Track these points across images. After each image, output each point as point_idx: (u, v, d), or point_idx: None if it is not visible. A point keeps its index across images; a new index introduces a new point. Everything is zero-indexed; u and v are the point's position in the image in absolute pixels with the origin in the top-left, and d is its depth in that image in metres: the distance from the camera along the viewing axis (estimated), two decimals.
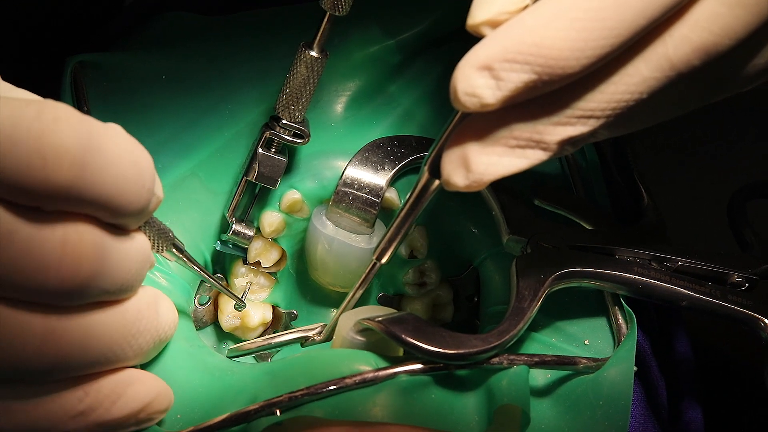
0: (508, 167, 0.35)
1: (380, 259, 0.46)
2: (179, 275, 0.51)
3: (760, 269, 0.49)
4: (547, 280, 0.45)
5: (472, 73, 0.33)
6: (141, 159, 0.35)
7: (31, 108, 0.31)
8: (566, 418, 0.44)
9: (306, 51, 0.48)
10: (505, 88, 0.33)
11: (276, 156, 0.51)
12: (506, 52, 0.32)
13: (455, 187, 0.36)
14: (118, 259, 0.36)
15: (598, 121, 0.35)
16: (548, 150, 0.35)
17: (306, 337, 0.51)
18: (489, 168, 0.35)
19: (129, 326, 0.38)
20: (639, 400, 0.49)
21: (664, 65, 0.34)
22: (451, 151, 0.36)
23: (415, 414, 0.41)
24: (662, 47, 0.34)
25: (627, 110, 0.35)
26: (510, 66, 0.32)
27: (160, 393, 0.40)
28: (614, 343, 0.48)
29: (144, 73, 0.53)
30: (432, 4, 0.55)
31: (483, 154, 0.35)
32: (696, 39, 0.33)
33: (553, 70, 0.32)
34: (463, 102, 0.33)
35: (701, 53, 0.34)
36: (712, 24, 0.33)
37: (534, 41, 0.32)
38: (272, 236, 0.54)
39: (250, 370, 0.45)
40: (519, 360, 0.43)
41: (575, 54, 0.32)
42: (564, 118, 0.34)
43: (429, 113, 0.56)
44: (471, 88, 0.33)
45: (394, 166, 0.53)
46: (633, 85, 0.34)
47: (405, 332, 0.42)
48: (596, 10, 0.32)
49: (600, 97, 0.34)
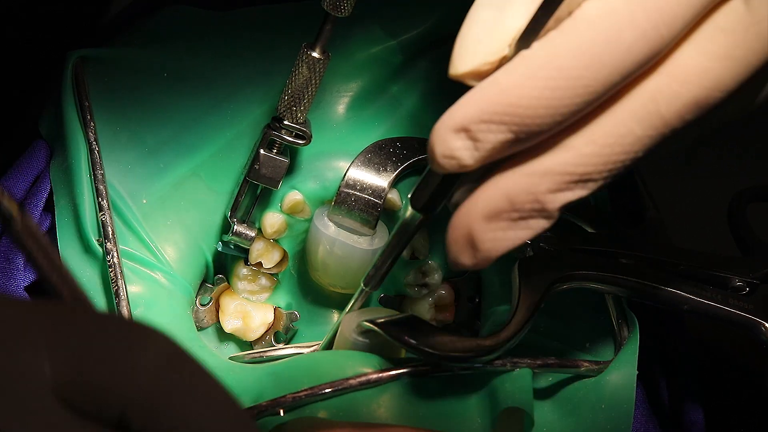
0: (513, 240, 0.35)
1: (367, 285, 0.46)
2: (181, 276, 0.51)
3: (760, 273, 0.49)
4: (549, 283, 0.46)
5: (448, 135, 0.33)
6: None
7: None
8: (569, 421, 0.44)
9: (308, 52, 0.48)
10: (482, 149, 0.33)
11: (278, 157, 0.51)
12: (482, 114, 0.33)
13: (463, 267, 0.36)
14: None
15: (596, 183, 0.35)
16: (550, 218, 0.35)
17: None
18: (496, 244, 0.35)
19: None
20: (640, 401, 0.49)
21: (657, 123, 0.34)
22: (455, 230, 0.36)
23: (418, 416, 0.41)
24: (653, 105, 0.34)
25: (622, 168, 0.35)
26: (487, 127, 0.33)
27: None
28: (616, 346, 0.48)
29: (146, 69, 0.53)
30: (434, 4, 0.55)
31: (488, 231, 0.35)
32: (687, 95, 0.33)
33: (529, 127, 0.33)
34: (442, 164, 0.34)
35: (694, 108, 0.34)
36: (703, 79, 0.33)
37: (509, 101, 0.32)
38: (274, 237, 0.54)
39: (253, 371, 0.45)
40: (522, 362, 0.43)
41: (549, 111, 0.32)
42: (563, 184, 0.34)
43: (431, 114, 0.56)
44: (449, 151, 0.33)
45: (397, 167, 0.53)
46: (628, 146, 0.34)
47: (408, 334, 0.42)
48: (569, 68, 0.32)
49: (596, 160, 0.34)
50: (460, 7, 0.55)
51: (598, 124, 0.34)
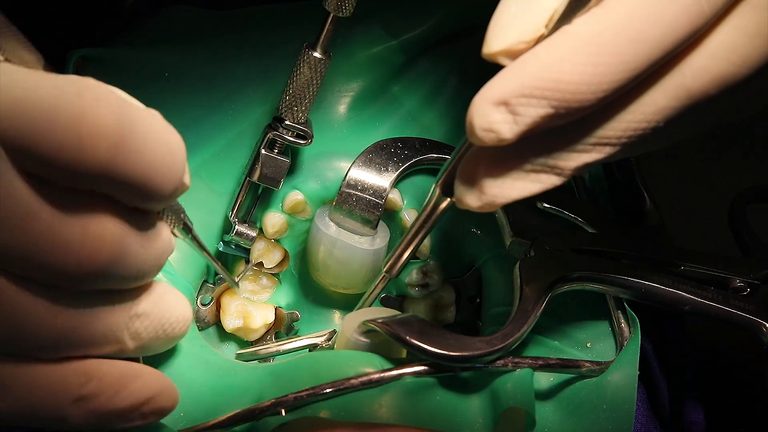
0: (521, 191, 0.35)
1: (390, 272, 0.46)
2: (182, 275, 0.51)
3: (761, 274, 0.49)
4: (550, 283, 0.46)
5: (488, 108, 0.33)
6: (176, 146, 0.35)
7: (73, 86, 0.31)
8: (570, 421, 0.44)
9: (309, 52, 0.48)
10: (522, 123, 0.33)
11: (279, 157, 0.51)
12: (523, 88, 0.32)
13: (467, 207, 0.36)
14: (138, 249, 0.36)
15: (614, 148, 0.35)
16: (562, 175, 0.35)
17: (315, 344, 0.51)
18: (503, 191, 0.35)
19: (128, 310, 0.38)
20: (641, 401, 0.49)
21: (682, 95, 0.34)
22: (465, 172, 0.36)
23: (419, 415, 0.41)
24: (680, 77, 0.34)
25: (642, 137, 0.35)
26: (527, 101, 0.33)
27: (165, 389, 0.40)
28: (617, 347, 0.48)
29: (147, 69, 0.53)
30: (435, 4, 0.55)
31: (497, 176, 0.35)
32: (715, 69, 0.34)
33: (569, 104, 0.33)
34: (481, 137, 0.33)
35: (719, 83, 0.34)
36: (732, 54, 0.34)
37: (551, 76, 0.32)
38: (275, 237, 0.54)
39: (254, 371, 0.45)
40: (523, 363, 0.43)
41: (592, 88, 0.32)
42: (580, 145, 0.35)
43: (432, 114, 0.56)
44: (488, 124, 0.33)
45: (398, 167, 0.53)
46: (650, 114, 0.34)
47: (409, 334, 0.42)
48: (613, 44, 0.32)
49: (617, 125, 0.34)
50: (460, 8, 0.55)
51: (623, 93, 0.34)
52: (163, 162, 0.34)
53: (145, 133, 0.33)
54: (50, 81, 0.31)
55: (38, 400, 0.35)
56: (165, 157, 0.34)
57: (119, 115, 0.32)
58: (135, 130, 0.33)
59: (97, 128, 0.31)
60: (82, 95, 0.31)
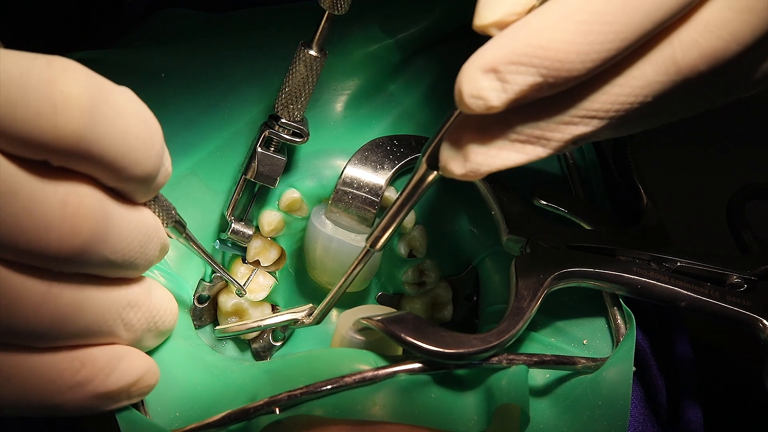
0: (505, 161, 0.35)
1: (374, 246, 0.45)
2: (178, 274, 0.51)
3: (758, 270, 0.49)
4: (546, 280, 0.45)
5: (477, 75, 0.33)
6: (151, 120, 0.35)
7: (41, 59, 0.31)
8: (565, 418, 0.44)
9: (305, 50, 0.48)
10: (510, 91, 0.33)
11: (275, 155, 0.51)
12: (512, 55, 0.32)
13: (451, 174, 0.36)
14: (120, 228, 0.36)
15: (602, 122, 0.35)
16: (548, 147, 0.35)
17: (295, 319, 0.50)
18: (487, 159, 0.35)
19: (121, 299, 0.38)
20: (638, 399, 0.49)
21: (671, 69, 0.34)
22: (451, 139, 0.36)
23: (414, 413, 0.41)
24: (669, 51, 0.34)
25: (630, 112, 0.35)
26: (516, 68, 0.32)
27: (150, 368, 0.41)
28: (613, 343, 0.48)
29: (144, 70, 0.53)
30: (432, 2, 0.55)
31: (482, 145, 0.35)
32: (704, 44, 0.34)
33: (558, 72, 0.32)
34: (469, 104, 0.33)
35: (709, 58, 0.34)
36: (721, 29, 0.33)
37: (540, 44, 0.32)
38: (271, 235, 0.54)
39: (250, 369, 0.45)
40: (518, 360, 0.43)
41: (581, 57, 0.32)
42: (567, 117, 0.34)
43: (428, 113, 0.56)
44: (477, 91, 0.33)
45: (394, 165, 0.53)
46: (638, 88, 0.34)
47: (404, 331, 0.42)
48: (603, 13, 0.32)
49: (604, 98, 0.34)
50: (457, 6, 0.55)
51: (612, 65, 0.34)
52: (138, 134, 0.34)
53: (118, 104, 0.33)
54: (16, 54, 0.31)
55: (34, 389, 0.36)
56: (140, 129, 0.34)
57: (91, 85, 0.32)
58: (108, 99, 0.33)
59: (68, 97, 0.31)
60: (51, 65, 0.31)
